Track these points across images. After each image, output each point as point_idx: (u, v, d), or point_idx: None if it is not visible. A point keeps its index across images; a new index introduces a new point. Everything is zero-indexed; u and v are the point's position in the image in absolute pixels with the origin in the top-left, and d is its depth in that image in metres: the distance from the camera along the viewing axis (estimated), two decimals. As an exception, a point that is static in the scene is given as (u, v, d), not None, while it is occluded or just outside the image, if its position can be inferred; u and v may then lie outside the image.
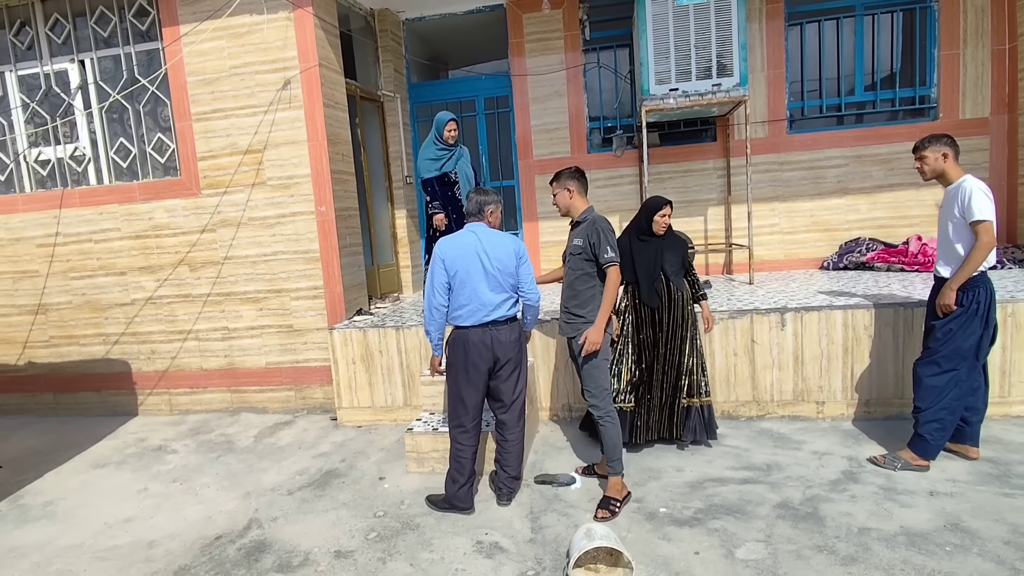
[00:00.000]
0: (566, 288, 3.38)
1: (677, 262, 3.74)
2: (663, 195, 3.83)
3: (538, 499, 3.41)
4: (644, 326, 3.73)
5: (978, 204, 3.12)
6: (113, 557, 3.15)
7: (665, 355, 3.72)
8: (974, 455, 3.45)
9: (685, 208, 6.27)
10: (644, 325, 3.73)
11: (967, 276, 3.18)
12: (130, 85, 5.31)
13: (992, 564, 2.55)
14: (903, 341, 4.05)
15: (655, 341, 3.72)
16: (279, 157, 5.00)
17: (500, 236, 3.25)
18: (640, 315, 3.74)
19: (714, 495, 3.30)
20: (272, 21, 4.84)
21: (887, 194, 5.90)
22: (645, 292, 3.69)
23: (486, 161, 6.74)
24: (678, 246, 3.78)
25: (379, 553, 2.98)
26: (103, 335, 5.56)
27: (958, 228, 3.23)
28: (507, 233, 3.33)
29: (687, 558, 2.75)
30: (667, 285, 3.69)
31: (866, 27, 5.91)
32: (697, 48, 5.05)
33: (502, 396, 3.30)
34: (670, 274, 3.69)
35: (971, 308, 3.21)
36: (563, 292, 3.41)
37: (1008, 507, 2.97)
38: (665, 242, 3.70)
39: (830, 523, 2.95)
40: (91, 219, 5.43)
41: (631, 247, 3.69)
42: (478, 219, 3.27)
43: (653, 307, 3.69)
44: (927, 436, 3.35)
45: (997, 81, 5.64)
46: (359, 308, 5.27)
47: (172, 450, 4.61)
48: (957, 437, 3.48)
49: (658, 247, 3.68)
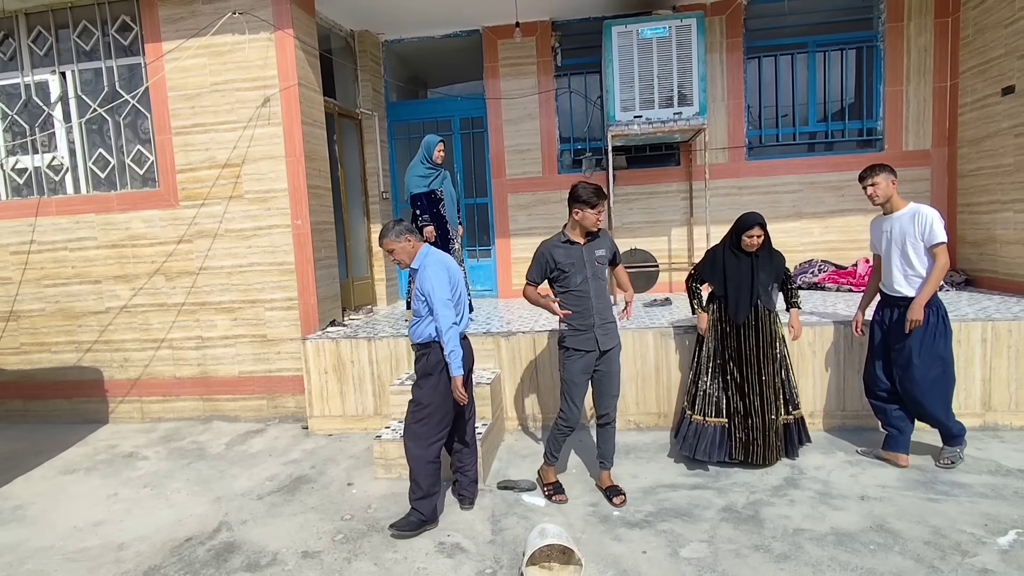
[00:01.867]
0: (598, 299, 3.39)
1: (769, 281, 3.72)
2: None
3: (500, 504, 3.58)
4: (729, 340, 3.78)
5: (939, 229, 3.45)
6: (83, 558, 3.23)
7: (751, 375, 3.72)
8: (904, 463, 3.72)
9: (650, 228, 6.56)
10: (729, 339, 3.78)
11: (932, 292, 3.50)
12: (111, 98, 5.42)
13: (911, 562, 2.79)
14: (843, 357, 4.34)
15: (739, 359, 3.75)
16: (257, 171, 5.15)
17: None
18: (725, 330, 3.80)
19: (665, 500, 3.51)
20: (253, 41, 5.01)
21: (838, 219, 6.26)
22: (732, 307, 3.72)
23: (461, 179, 6.96)
24: (772, 263, 3.73)
25: (345, 554, 3.11)
26: (76, 342, 5.60)
27: (918, 251, 3.51)
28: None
29: (635, 557, 2.95)
30: (756, 303, 3.70)
31: (818, 63, 6.31)
32: (660, 78, 5.36)
33: (468, 405, 3.51)
34: (760, 293, 3.68)
35: (940, 317, 3.55)
36: (595, 303, 3.39)
37: (931, 511, 3.23)
38: (760, 260, 3.67)
39: (768, 525, 3.17)
40: (67, 227, 5.50)
41: (724, 261, 3.72)
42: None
43: (739, 323, 3.72)
44: (957, 432, 3.66)
45: (938, 116, 6.06)
46: (332, 319, 5.41)
47: (143, 457, 4.68)
48: (889, 444, 3.75)
49: (751, 264, 3.66)
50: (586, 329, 3.40)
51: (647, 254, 6.57)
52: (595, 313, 3.39)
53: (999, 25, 5.26)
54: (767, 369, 3.73)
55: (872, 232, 3.82)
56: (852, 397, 4.36)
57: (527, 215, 6.70)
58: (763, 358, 3.74)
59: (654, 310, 5.37)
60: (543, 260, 3.40)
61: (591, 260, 3.40)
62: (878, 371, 3.78)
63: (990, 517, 3.13)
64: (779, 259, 3.79)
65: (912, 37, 6.03)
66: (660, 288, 6.59)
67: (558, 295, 3.42)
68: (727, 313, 3.77)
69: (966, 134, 5.80)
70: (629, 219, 6.56)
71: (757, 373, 3.74)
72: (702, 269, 3.90)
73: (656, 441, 4.38)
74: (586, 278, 3.38)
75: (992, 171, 5.42)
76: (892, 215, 3.62)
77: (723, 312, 3.81)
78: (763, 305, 3.71)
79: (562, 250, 3.39)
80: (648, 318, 4.97)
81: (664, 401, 4.57)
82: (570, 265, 3.36)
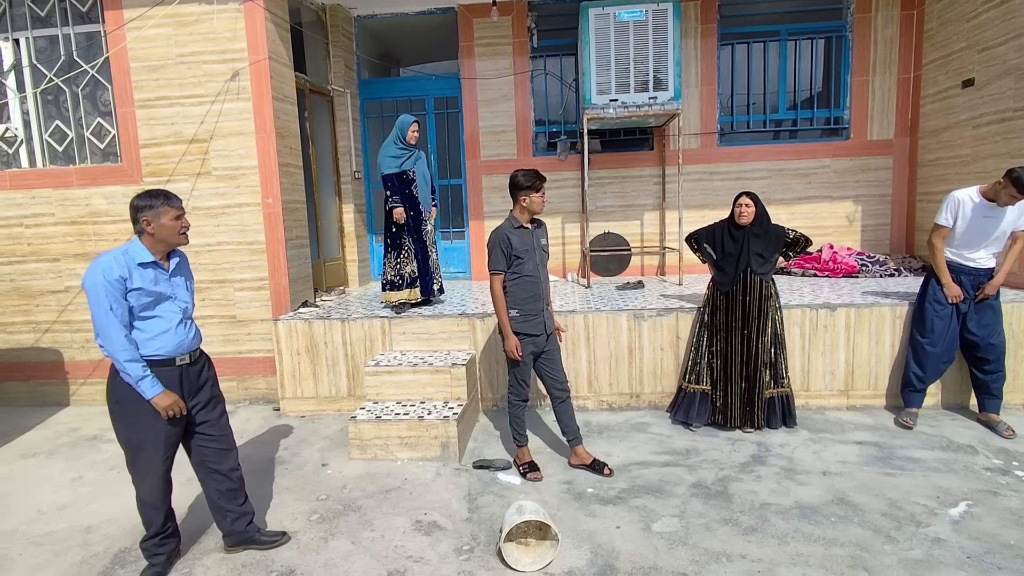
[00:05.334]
0: (544, 284, 3.55)
1: (767, 252, 3.92)
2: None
3: (476, 482, 3.62)
4: (717, 312, 4.05)
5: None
6: (49, 542, 3.15)
7: (740, 344, 3.98)
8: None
9: (623, 212, 6.62)
10: (718, 311, 4.05)
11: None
12: (68, 67, 5.18)
13: (869, 532, 2.94)
14: (808, 339, 4.49)
15: (727, 328, 4.01)
16: (226, 148, 5.00)
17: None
18: (715, 302, 4.05)
19: (637, 477, 3.60)
20: (222, 12, 4.84)
21: (805, 205, 6.42)
22: (720, 277, 4.03)
23: (435, 160, 6.89)
24: (768, 237, 3.92)
25: (322, 533, 3.11)
26: (33, 323, 5.39)
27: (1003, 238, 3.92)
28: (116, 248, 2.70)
29: (609, 532, 3.03)
30: (746, 274, 3.92)
31: (789, 51, 6.41)
32: (636, 62, 5.38)
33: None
34: (754, 265, 3.90)
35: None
36: (544, 289, 3.54)
37: (888, 484, 3.39)
38: (752, 231, 3.90)
39: (736, 500, 3.29)
40: (22, 203, 5.26)
41: (722, 235, 4.00)
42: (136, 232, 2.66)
43: (724, 292, 4.00)
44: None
45: (901, 107, 6.24)
46: (304, 300, 5.33)
47: (108, 439, 4.56)
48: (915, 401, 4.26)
49: (744, 235, 3.90)
50: (536, 314, 3.51)
51: (620, 238, 6.64)
52: (542, 298, 3.54)
53: (961, 19, 5.43)
54: (756, 340, 3.96)
55: (966, 210, 3.87)
56: (816, 378, 4.52)
57: (502, 197, 6.68)
58: (752, 328, 3.96)
59: (627, 293, 5.45)
60: (504, 245, 3.43)
61: (539, 247, 3.53)
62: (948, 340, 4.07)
63: (942, 490, 3.31)
64: (777, 230, 3.98)
65: (879, 28, 6.18)
66: (632, 271, 6.68)
67: (510, 282, 3.47)
68: (716, 284, 4.06)
69: (927, 125, 6.00)
70: (603, 203, 6.61)
71: (742, 342, 3.99)
72: (701, 232, 4.20)
73: (628, 421, 4.47)
74: (536, 264, 3.50)
75: (950, 161, 5.62)
76: (1001, 207, 3.79)
77: (716, 283, 4.09)
78: (755, 276, 3.92)
79: (516, 236, 3.46)
80: (621, 301, 5.04)
81: (636, 382, 4.66)
82: (524, 251, 3.45)
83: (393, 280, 4.99)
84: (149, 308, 2.62)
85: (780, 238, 3.97)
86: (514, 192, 3.45)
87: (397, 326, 4.77)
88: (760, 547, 2.84)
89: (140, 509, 2.82)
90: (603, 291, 5.65)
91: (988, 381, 4.03)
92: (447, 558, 2.85)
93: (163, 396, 2.59)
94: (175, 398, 2.64)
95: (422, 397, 4.28)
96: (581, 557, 2.82)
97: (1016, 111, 4.83)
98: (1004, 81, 4.94)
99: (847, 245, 6.36)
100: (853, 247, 6.36)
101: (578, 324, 4.63)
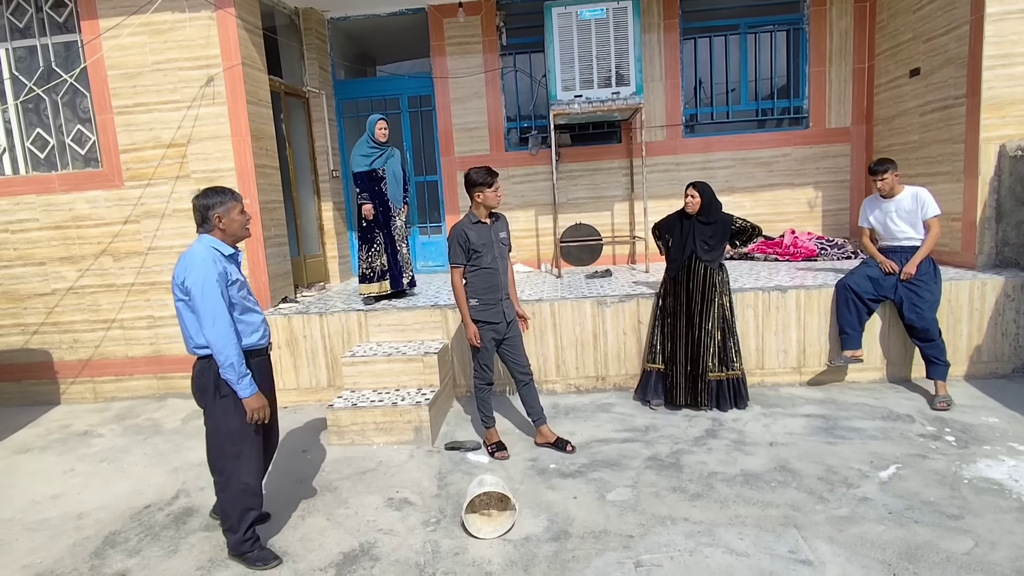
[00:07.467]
0: (503, 275, 3.77)
1: (713, 241, 4.19)
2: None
3: (446, 462, 3.86)
4: (668, 296, 4.39)
5: (932, 205, 4.27)
6: (44, 528, 3.36)
7: (685, 327, 4.27)
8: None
9: (594, 203, 6.85)
10: (668, 295, 4.39)
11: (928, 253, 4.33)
12: (47, 76, 5.33)
13: (804, 495, 3.19)
14: (762, 320, 4.74)
15: (675, 311, 4.31)
16: (203, 151, 5.18)
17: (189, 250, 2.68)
18: (667, 286, 4.40)
19: (597, 452, 3.84)
20: (194, 20, 5.01)
21: (767, 192, 6.67)
22: (669, 263, 4.38)
23: (410, 157, 7.08)
24: (714, 226, 4.19)
25: (300, 512, 3.34)
26: (22, 325, 5.57)
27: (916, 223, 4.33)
28: (197, 242, 2.67)
29: (567, 502, 3.27)
30: (692, 261, 4.21)
31: (750, 44, 6.64)
32: (598, 59, 5.59)
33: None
34: (699, 252, 4.18)
35: (933, 267, 4.36)
36: (502, 278, 3.75)
37: (828, 452, 3.65)
38: (698, 220, 4.19)
39: (687, 470, 3.54)
40: (6, 209, 5.43)
41: (675, 222, 4.32)
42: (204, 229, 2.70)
43: (672, 277, 4.33)
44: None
45: (857, 95, 6.49)
46: (284, 296, 5.53)
47: (98, 434, 4.76)
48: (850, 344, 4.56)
49: (691, 225, 4.21)
50: (495, 303, 3.74)
51: (591, 228, 6.86)
52: (501, 288, 3.75)
53: (908, 10, 5.67)
54: (703, 324, 4.21)
55: (869, 210, 4.50)
56: (770, 357, 4.78)
57: (476, 192, 6.88)
58: (698, 313, 4.22)
59: (594, 281, 5.68)
60: (462, 240, 3.66)
61: (497, 240, 3.74)
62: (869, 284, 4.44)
63: (876, 455, 3.57)
64: (724, 219, 4.24)
65: (834, 20, 6.41)
66: (604, 260, 6.91)
67: (470, 273, 3.71)
68: (667, 269, 4.39)
69: (880, 113, 6.25)
70: (574, 195, 6.83)
71: (688, 326, 4.26)
72: (661, 223, 4.51)
73: (594, 402, 4.72)
74: (495, 256, 3.71)
75: (901, 147, 5.88)
76: (894, 198, 4.34)
77: (667, 269, 4.41)
78: (701, 263, 4.20)
79: (474, 231, 3.68)
80: (587, 288, 5.28)
81: (601, 365, 4.91)
82: (482, 245, 3.67)
83: (366, 273, 5.21)
84: (248, 299, 2.74)
85: (727, 226, 4.22)
86: (469, 189, 3.67)
87: (373, 318, 4.98)
88: (703, 511, 3.09)
89: (236, 502, 2.75)
90: (573, 280, 5.88)
91: (924, 348, 4.36)
92: (415, 530, 3.09)
93: (256, 397, 2.67)
94: (265, 402, 2.73)
95: (396, 385, 4.51)
96: (539, 525, 3.06)
97: (956, 98, 5.08)
98: (946, 70, 5.19)
99: (808, 230, 6.62)
100: (814, 231, 6.62)
101: (545, 312, 4.86)
